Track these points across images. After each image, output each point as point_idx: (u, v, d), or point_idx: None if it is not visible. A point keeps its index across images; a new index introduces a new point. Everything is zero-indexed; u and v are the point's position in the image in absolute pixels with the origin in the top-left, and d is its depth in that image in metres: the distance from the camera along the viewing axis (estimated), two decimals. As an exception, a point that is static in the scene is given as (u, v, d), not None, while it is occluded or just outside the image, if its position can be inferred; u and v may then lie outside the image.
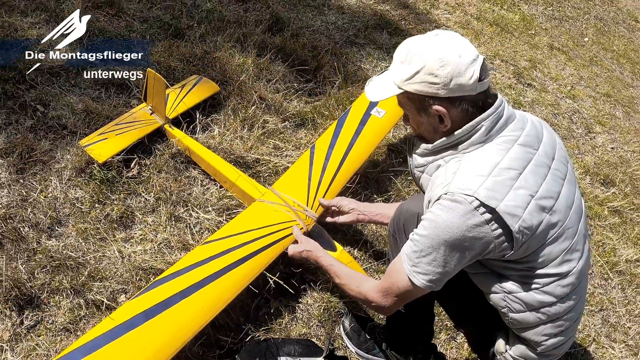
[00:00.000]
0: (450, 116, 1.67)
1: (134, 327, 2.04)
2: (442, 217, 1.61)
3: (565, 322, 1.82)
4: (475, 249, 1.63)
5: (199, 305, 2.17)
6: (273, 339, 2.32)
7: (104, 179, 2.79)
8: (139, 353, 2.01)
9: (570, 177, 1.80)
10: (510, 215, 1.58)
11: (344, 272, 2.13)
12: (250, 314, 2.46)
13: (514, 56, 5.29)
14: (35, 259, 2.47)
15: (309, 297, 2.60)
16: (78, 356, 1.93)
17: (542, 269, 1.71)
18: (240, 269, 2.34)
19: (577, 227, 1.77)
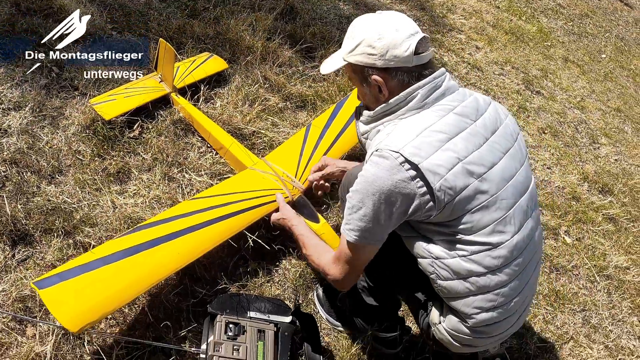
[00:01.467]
0: (387, 86, 1.77)
1: (111, 262, 2.16)
2: (370, 171, 1.68)
3: (498, 298, 1.80)
4: (402, 205, 1.68)
5: (176, 251, 2.28)
6: (246, 295, 2.41)
7: (106, 136, 2.92)
8: (111, 285, 2.12)
9: (516, 154, 1.82)
10: (432, 173, 1.63)
11: (311, 243, 2.16)
12: (227, 271, 2.55)
13: (526, 64, 5.34)
14: (34, 200, 2.60)
15: (286, 262, 2.69)
16: (56, 280, 2.05)
17: (469, 236, 1.72)
18: (220, 224, 2.44)
19: (515, 202, 1.77)
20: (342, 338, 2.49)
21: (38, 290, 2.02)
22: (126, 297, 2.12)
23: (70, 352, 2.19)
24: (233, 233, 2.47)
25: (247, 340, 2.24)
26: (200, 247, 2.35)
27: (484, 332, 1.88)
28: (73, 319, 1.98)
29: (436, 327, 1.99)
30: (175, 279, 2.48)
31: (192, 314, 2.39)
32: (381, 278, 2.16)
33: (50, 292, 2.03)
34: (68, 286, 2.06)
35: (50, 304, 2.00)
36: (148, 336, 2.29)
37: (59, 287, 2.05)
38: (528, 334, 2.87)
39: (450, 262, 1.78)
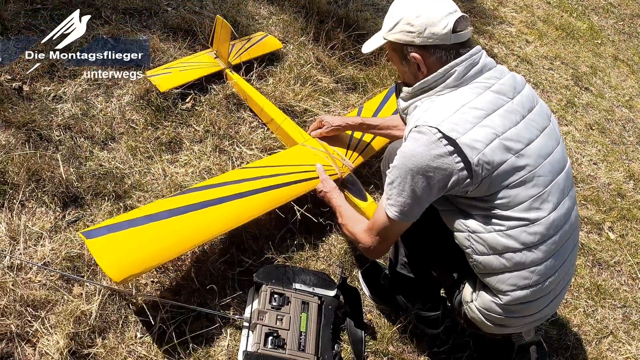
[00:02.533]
0: (426, 63, 1.74)
1: (157, 219, 2.11)
2: (408, 146, 1.66)
3: (533, 275, 1.73)
4: (440, 180, 1.64)
5: (221, 215, 2.21)
6: (291, 266, 2.32)
7: (160, 107, 2.86)
8: (156, 241, 2.07)
9: (552, 133, 1.77)
10: (470, 148, 1.59)
11: (347, 214, 2.15)
12: (274, 242, 2.46)
13: (575, 60, 5.12)
14: (86, 165, 2.55)
15: (333, 239, 2.59)
16: (103, 232, 2.02)
17: (506, 211, 1.67)
18: (268, 194, 2.36)
19: (552, 179, 1.71)
20: (384, 316, 2.37)
21: (85, 240, 1.98)
22: (170, 254, 2.06)
23: (115, 312, 2.13)
24: (279, 204, 2.38)
25: (290, 311, 2.15)
26: (246, 214, 2.27)
27: (517, 311, 1.79)
28: (117, 269, 1.93)
29: (468, 306, 1.89)
30: (223, 248, 2.40)
31: (238, 283, 2.31)
32: (418, 253, 2.09)
33: (97, 242, 1.99)
34: (114, 238, 2.02)
35: (96, 253, 1.96)
36: (193, 301, 2.21)
37: (105, 238, 2.01)
38: (568, 325, 2.72)
39: (486, 237, 1.71)
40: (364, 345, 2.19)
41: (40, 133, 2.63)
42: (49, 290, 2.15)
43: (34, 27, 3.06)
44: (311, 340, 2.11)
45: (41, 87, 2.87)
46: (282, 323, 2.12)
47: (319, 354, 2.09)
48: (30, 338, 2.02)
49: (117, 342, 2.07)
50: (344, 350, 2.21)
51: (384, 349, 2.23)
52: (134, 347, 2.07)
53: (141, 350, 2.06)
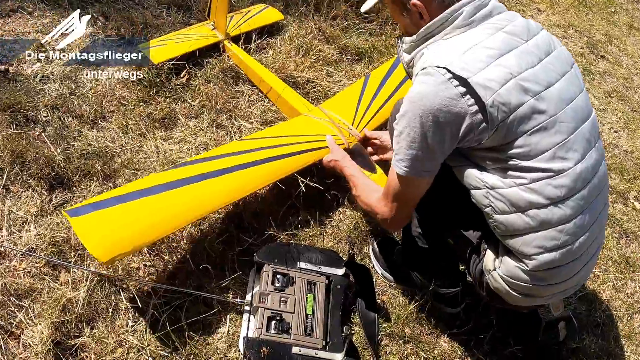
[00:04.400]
0: (428, 10, 1.52)
1: (149, 194, 1.88)
2: (416, 90, 1.44)
3: (561, 235, 1.48)
4: (452, 127, 1.42)
5: (219, 188, 1.98)
6: (295, 244, 2.07)
7: (152, 82, 2.62)
8: (147, 217, 1.84)
9: (573, 79, 1.54)
10: (483, 88, 1.38)
11: (360, 183, 1.92)
12: (277, 220, 2.21)
13: (590, 29, 4.81)
14: (74, 145, 2.32)
15: (341, 213, 2.33)
16: (89, 209, 1.79)
17: (527, 162, 1.43)
18: (269, 165, 2.12)
19: (576, 127, 1.48)
20: (399, 295, 2.11)
21: (69, 218, 1.76)
22: (162, 231, 1.83)
23: (104, 300, 1.90)
24: (282, 175, 2.14)
25: (295, 292, 1.91)
26: (246, 187, 2.03)
27: (545, 278, 1.54)
28: (103, 248, 1.71)
29: (491, 275, 1.64)
30: (221, 226, 2.16)
31: (238, 264, 2.07)
32: (433, 219, 1.82)
33: (82, 220, 1.76)
34: (101, 215, 1.80)
35: (81, 232, 1.74)
36: (189, 285, 1.97)
37: (91, 215, 1.79)
38: (597, 300, 2.44)
39: (507, 192, 1.46)
40: (377, 327, 1.94)
41: (26, 114, 2.41)
42: (34, 278, 1.93)
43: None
44: (319, 323, 1.86)
45: (28, 68, 2.64)
46: (286, 305, 1.88)
47: (328, 338, 1.85)
48: (13, 330, 1.81)
49: (107, 331, 1.85)
50: (356, 333, 1.95)
51: (400, 331, 1.98)
52: (124, 336, 1.84)
53: (133, 339, 1.83)
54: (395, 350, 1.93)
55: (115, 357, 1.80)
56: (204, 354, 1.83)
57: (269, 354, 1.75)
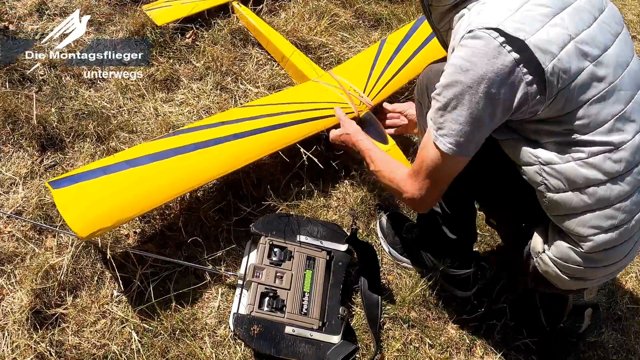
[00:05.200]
0: None
1: (138, 164, 1.74)
2: (462, 57, 1.23)
3: (619, 214, 1.32)
4: (505, 97, 1.22)
5: (214, 158, 1.81)
6: (296, 216, 1.90)
7: (155, 42, 2.45)
8: (134, 189, 1.70)
9: (627, 40, 1.34)
10: (542, 51, 1.18)
11: (379, 158, 1.70)
12: (278, 189, 2.04)
13: (621, 9, 4.49)
14: (69, 104, 2.17)
15: (347, 186, 2.15)
16: (73, 180, 1.66)
17: (586, 135, 1.25)
18: (270, 134, 1.95)
19: (633, 95, 1.30)
20: (405, 276, 1.93)
21: (52, 190, 1.63)
22: (147, 204, 1.68)
23: (89, 267, 1.77)
24: (283, 145, 1.96)
25: (293, 268, 1.75)
26: (242, 158, 1.86)
27: (600, 260, 1.38)
28: (83, 222, 1.57)
29: (539, 258, 1.45)
30: (218, 194, 2.00)
31: (233, 234, 1.91)
32: (463, 188, 1.59)
33: (64, 193, 1.64)
34: (85, 187, 1.66)
35: (62, 204, 1.61)
36: (180, 255, 1.83)
37: (74, 187, 1.66)
38: (618, 292, 2.22)
39: (563, 168, 1.28)
40: (380, 309, 1.77)
41: (22, 73, 2.26)
42: (19, 242, 1.81)
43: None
44: (316, 302, 1.70)
45: (28, 26, 2.49)
46: (281, 281, 1.72)
47: (325, 318, 1.68)
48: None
49: (90, 300, 1.71)
50: (357, 314, 1.78)
51: (404, 315, 1.80)
52: (108, 307, 1.71)
53: (117, 310, 1.69)
54: (398, 335, 1.76)
55: (98, 328, 1.66)
56: (191, 329, 1.68)
57: (259, 333, 1.60)
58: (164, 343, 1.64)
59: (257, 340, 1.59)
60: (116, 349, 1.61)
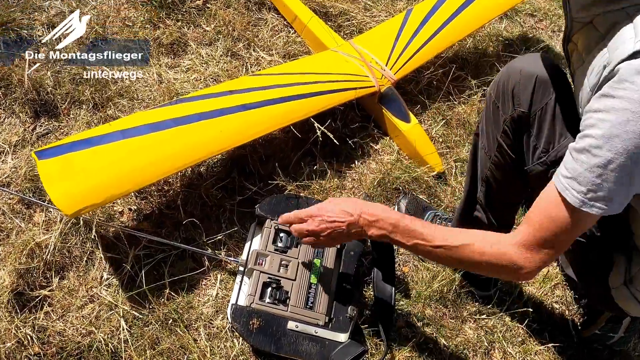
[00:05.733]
0: None
1: (133, 135, 1.56)
2: (627, 108, 0.89)
3: None
4: None
5: (219, 131, 1.64)
6: (307, 198, 1.71)
7: (162, 3, 2.24)
8: (128, 162, 1.53)
9: None
10: None
11: (449, 234, 1.16)
12: (288, 168, 1.85)
13: None
14: (67, 68, 1.99)
15: (365, 167, 1.95)
16: (62, 151, 1.50)
17: None
18: (282, 106, 1.76)
19: None
20: (423, 269, 1.74)
21: (37, 161, 1.47)
22: (144, 179, 1.52)
23: (78, 246, 1.60)
24: (295, 119, 1.77)
25: (300, 256, 1.57)
26: (251, 130, 1.69)
27: None
28: (70, 198, 1.41)
29: (619, 289, 1.27)
30: (222, 171, 1.82)
31: (237, 216, 1.73)
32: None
33: (51, 164, 1.47)
34: (73, 159, 1.50)
35: (46, 177, 1.44)
36: (177, 237, 1.65)
37: (62, 159, 1.49)
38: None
39: None
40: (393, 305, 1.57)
41: (19, 33, 2.08)
42: (5, 217, 1.65)
43: None
44: (323, 295, 1.53)
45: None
46: (286, 271, 1.54)
47: (332, 314, 1.50)
48: (-24, 274, 1.53)
49: (78, 283, 1.56)
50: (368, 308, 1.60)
51: (419, 312, 1.62)
52: (97, 290, 1.55)
53: (106, 295, 1.53)
54: (410, 333, 1.57)
55: (84, 314, 1.51)
56: (185, 318, 1.52)
57: (259, 327, 1.42)
58: (155, 333, 1.48)
59: (256, 335, 1.42)
60: (103, 337, 1.46)
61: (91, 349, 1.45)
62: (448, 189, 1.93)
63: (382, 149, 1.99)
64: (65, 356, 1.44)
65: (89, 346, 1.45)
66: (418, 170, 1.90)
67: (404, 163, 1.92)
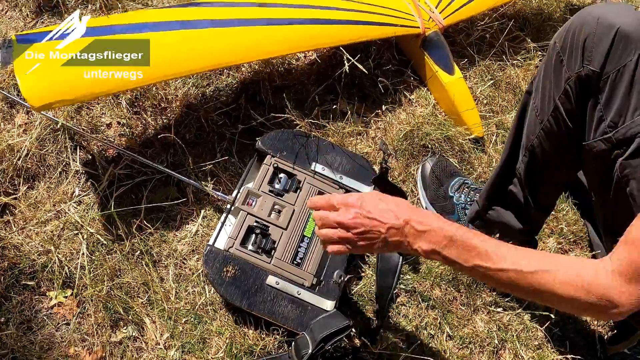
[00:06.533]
0: None
1: (131, 31, 1.31)
2: None
3: None
4: None
5: (233, 41, 1.36)
6: (317, 138, 1.44)
7: None
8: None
9: None
10: None
11: (513, 257, 0.84)
12: (304, 104, 1.58)
13: None
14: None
15: (393, 116, 1.66)
16: (44, 36, 1.27)
17: None
18: (310, 28, 1.47)
19: None
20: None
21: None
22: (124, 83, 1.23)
23: (53, 155, 1.40)
24: (322, 45, 1.51)
25: (297, 202, 1.31)
26: (270, 47, 1.41)
27: None
28: (41, 88, 1.18)
29: None
30: (229, 96, 1.55)
31: (236, 147, 1.48)
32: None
33: (29, 49, 1.23)
34: (55, 47, 1.25)
35: (21, 64, 1.20)
36: (163, 160, 1.41)
37: (42, 45, 1.25)
38: None
39: None
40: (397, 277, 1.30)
41: None
42: (-16, 113, 1.43)
43: None
44: (316, 253, 1.27)
45: None
46: (278, 217, 1.29)
47: (322, 277, 1.25)
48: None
49: (47, 195, 1.35)
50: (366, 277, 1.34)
51: (426, 291, 1.34)
52: (65, 206, 1.33)
53: (73, 213, 1.32)
54: (412, 314, 1.31)
55: (47, 229, 1.30)
56: (154, 253, 1.29)
57: (233, 276, 1.19)
58: (118, 264, 1.26)
59: (229, 286, 1.18)
60: (60, 258, 1.25)
61: (45, 269, 1.25)
62: (484, 157, 1.63)
63: (417, 100, 1.69)
64: (17, 273, 1.24)
65: (43, 266, 1.25)
66: (453, 129, 1.60)
67: (439, 119, 1.62)
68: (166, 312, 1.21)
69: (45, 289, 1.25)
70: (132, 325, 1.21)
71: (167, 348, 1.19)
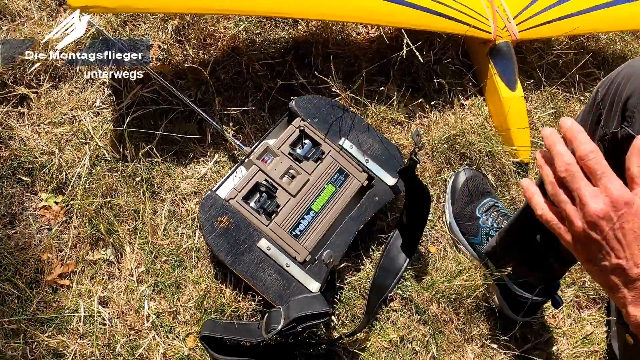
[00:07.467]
0: None
1: None
2: None
3: None
4: None
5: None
6: (354, 114, 1.31)
7: None
8: None
9: None
10: None
11: None
12: (352, 77, 1.45)
13: None
14: None
15: (440, 116, 1.51)
16: None
17: None
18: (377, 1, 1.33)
19: None
20: (451, 258, 1.31)
21: None
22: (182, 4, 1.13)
23: (84, 58, 1.29)
24: (386, 22, 1.36)
25: (314, 172, 1.18)
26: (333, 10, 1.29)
27: None
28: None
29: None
30: (277, 47, 1.44)
31: (270, 101, 1.37)
32: None
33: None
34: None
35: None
36: (192, 94, 1.30)
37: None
38: None
39: None
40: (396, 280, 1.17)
41: None
42: (31, 3, 1.36)
43: None
44: (318, 229, 1.14)
45: None
46: (290, 183, 1.17)
47: (316, 255, 1.13)
48: None
49: (67, 97, 1.27)
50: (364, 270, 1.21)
51: (423, 304, 1.20)
52: (82, 114, 1.24)
53: (87, 122, 1.22)
54: (401, 322, 1.17)
55: (57, 131, 1.21)
56: (155, 183, 1.19)
57: (225, 228, 1.08)
58: (115, 183, 1.16)
59: (217, 236, 1.07)
60: (60, 162, 1.16)
61: (43, 168, 1.16)
62: (524, 184, 1.47)
63: (470, 107, 1.54)
64: (15, 165, 1.16)
65: (42, 165, 1.17)
66: (499, 146, 1.45)
67: (487, 132, 1.47)
68: (149, 246, 1.11)
69: (38, 189, 1.17)
70: (112, 248, 1.12)
71: (140, 282, 1.09)
